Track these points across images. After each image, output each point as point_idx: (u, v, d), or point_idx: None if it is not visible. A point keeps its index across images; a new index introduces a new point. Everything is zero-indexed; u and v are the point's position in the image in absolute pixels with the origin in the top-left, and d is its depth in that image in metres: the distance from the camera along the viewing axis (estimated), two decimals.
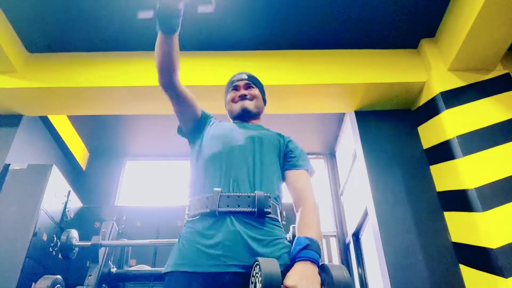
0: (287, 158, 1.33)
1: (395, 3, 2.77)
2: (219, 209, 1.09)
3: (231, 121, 1.51)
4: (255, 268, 0.96)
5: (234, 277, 1.01)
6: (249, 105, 1.44)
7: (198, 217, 1.13)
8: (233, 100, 1.48)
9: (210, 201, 1.12)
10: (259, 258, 0.96)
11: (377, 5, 2.78)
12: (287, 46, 3.09)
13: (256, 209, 1.10)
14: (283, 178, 1.31)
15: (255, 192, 1.14)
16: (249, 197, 1.12)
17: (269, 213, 1.13)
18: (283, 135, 1.43)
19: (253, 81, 1.51)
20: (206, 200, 1.13)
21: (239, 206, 1.10)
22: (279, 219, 1.20)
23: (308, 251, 1.01)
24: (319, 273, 0.99)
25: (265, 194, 1.14)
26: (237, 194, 1.13)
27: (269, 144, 1.32)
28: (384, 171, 2.95)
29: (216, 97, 2.77)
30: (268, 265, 0.92)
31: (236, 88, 1.50)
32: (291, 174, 1.30)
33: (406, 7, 2.80)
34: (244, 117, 1.44)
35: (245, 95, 1.45)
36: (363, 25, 2.95)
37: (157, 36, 1.23)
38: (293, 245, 1.07)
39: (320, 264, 1.02)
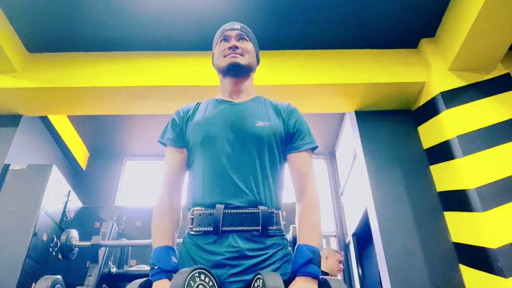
0: (289, 138, 1.23)
1: (395, 3, 2.77)
2: (223, 228, 1.07)
3: (220, 76, 1.35)
4: (257, 281, 0.95)
5: None
6: (241, 59, 1.26)
7: (201, 233, 1.10)
8: (222, 53, 1.29)
9: (213, 219, 1.08)
10: (262, 272, 0.95)
11: (377, 5, 2.78)
12: (287, 46, 3.09)
13: (260, 228, 1.08)
14: (285, 158, 1.23)
15: (259, 207, 1.10)
16: (252, 213, 1.09)
17: (273, 226, 1.11)
18: (279, 106, 1.31)
19: (246, 33, 1.33)
20: (210, 217, 1.09)
21: (242, 224, 1.07)
22: (282, 226, 1.17)
23: (310, 266, 0.99)
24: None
25: (269, 210, 1.11)
26: (241, 211, 1.08)
27: (267, 139, 1.19)
28: (384, 171, 2.95)
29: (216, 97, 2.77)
30: (272, 280, 0.91)
31: (226, 39, 1.31)
32: (293, 158, 1.21)
33: (406, 7, 2.80)
34: (233, 73, 1.28)
35: (236, 47, 1.27)
36: (363, 25, 2.95)
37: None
38: (295, 253, 1.05)
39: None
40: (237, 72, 1.28)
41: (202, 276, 0.95)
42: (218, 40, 1.34)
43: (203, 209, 1.11)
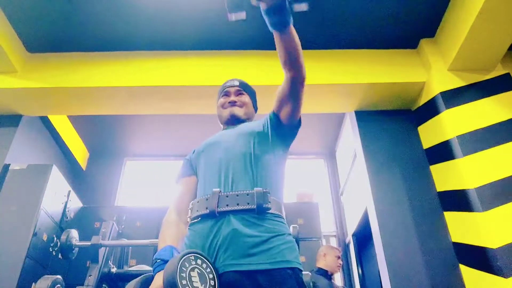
0: (273, 124, 1.36)
1: (395, 3, 2.77)
2: (219, 209, 1.11)
3: (221, 126, 1.53)
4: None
5: (234, 276, 1.01)
6: (238, 111, 1.45)
7: (199, 219, 1.15)
8: (223, 106, 1.49)
9: (209, 202, 1.13)
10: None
11: (377, 5, 2.78)
12: None
13: (255, 206, 1.10)
14: (280, 110, 1.38)
15: (254, 189, 1.14)
16: (248, 194, 1.13)
17: (269, 208, 1.13)
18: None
19: (244, 88, 1.53)
20: (206, 201, 1.15)
21: (238, 204, 1.11)
22: (282, 214, 1.19)
23: None
24: None
25: (264, 190, 1.14)
26: (236, 192, 1.14)
27: (261, 137, 1.32)
28: (384, 171, 2.95)
29: (216, 97, 2.77)
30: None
31: (227, 94, 1.51)
32: (278, 101, 1.41)
33: (406, 7, 2.80)
34: (232, 122, 1.45)
35: (235, 102, 1.47)
36: (363, 25, 2.95)
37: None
38: None
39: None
40: (235, 122, 1.44)
41: (199, 261, 0.97)
42: (220, 95, 1.54)
43: (200, 198, 1.20)
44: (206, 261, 1.00)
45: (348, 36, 3.04)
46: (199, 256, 0.99)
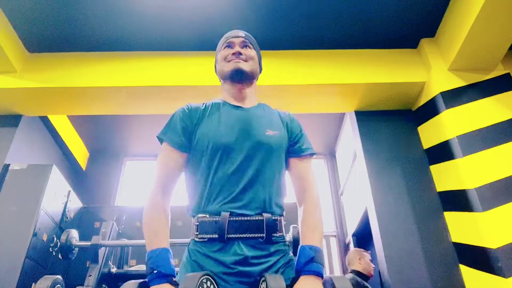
0: (291, 143, 1.26)
1: (395, 3, 2.77)
2: (228, 235, 1.07)
3: (221, 81, 1.36)
4: (262, 283, 0.97)
5: None
6: (244, 65, 1.26)
7: (206, 240, 1.10)
8: (226, 59, 1.29)
9: (219, 226, 1.08)
10: (266, 275, 0.96)
11: (377, 5, 2.78)
12: (287, 46, 3.09)
13: (264, 235, 1.09)
14: (286, 164, 1.25)
15: (263, 215, 1.10)
16: (257, 221, 1.09)
17: (276, 234, 1.12)
18: (282, 115, 1.32)
19: (250, 41, 1.34)
20: (215, 224, 1.09)
21: (247, 231, 1.08)
22: (284, 232, 1.18)
23: (313, 264, 1.01)
24: (324, 286, 1.00)
25: (273, 218, 1.12)
26: (246, 218, 1.09)
27: (276, 148, 1.20)
28: (384, 171, 2.95)
29: (216, 97, 2.77)
30: (275, 282, 0.93)
31: (230, 45, 1.31)
32: (294, 163, 1.24)
33: (406, 7, 2.80)
34: (237, 78, 1.27)
35: (240, 53, 1.27)
36: (363, 25, 2.95)
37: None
38: (298, 254, 1.06)
39: (324, 276, 1.02)
40: (241, 77, 1.27)
41: (208, 283, 0.95)
42: (221, 47, 1.34)
43: (207, 216, 1.11)
44: (215, 284, 0.97)
45: (348, 36, 3.04)
46: (210, 278, 0.96)
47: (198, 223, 1.12)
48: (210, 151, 1.16)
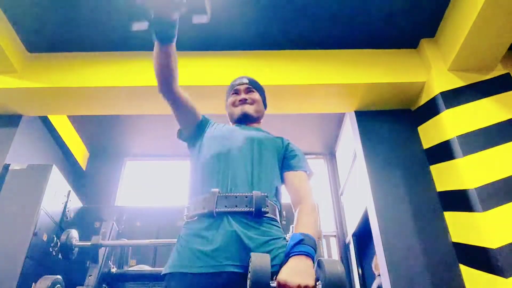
0: (286, 160, 1.35)
1: (395, 3, 2.77)
2: (217, 209, 1.10)
3: (232, 124, 1.53)
4: (250, 264, 0.97)
5: (232, 276, 1.01)
6: (249, 109, 1.46)
7: (196, 218, 1.15)
8: (234, 104, 1.50)
9: (208, 202, 1.13)
10: (252, 253, 0.98)
11: (377, 5, 2.78)
12: (287, 46, 3.09)
13: (253, 209, 1.11)
14: (282, 180, 1.32)
15: (253, 192, 1.15)
16: (246, 197, 1.13)
17: (267, 212, 1.14)
18: (282, 138, 1.46)
19: (253, 85, 1.54)
20: (203, 201, 1.14)
21: (236, 206, 1.11)
22: (278, 218, 1.20)
23: (302, 245, 1.02)
24: (315, 269, 1.00)
25: (263, 194, 1.15)
26: (235, 194, 1.14)
27: (268, 145, 1.33)
28: (384, 171, 2.95)
29: (216, 97, 2.77)
30: (259, 259, 0.94)
31: (236, 92, 1.52)
32: (290, 175, 1.31)
33: (406, 7, 2.80)
34: (244, 121, 1.46)
35: (246, 99, 1.47)
36: (363, 25, 2.95)
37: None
38: (288, 242, 1.08)
39: (316, 259, 1.02)
40: (247, 120, 1.46)
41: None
42: (229, 93, 1.55)
43: (198, 196, 1.18)
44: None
45: (348, 36, 3.04)
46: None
47: (189, 204, 1.20)
48: (206, 145, 1.34)
